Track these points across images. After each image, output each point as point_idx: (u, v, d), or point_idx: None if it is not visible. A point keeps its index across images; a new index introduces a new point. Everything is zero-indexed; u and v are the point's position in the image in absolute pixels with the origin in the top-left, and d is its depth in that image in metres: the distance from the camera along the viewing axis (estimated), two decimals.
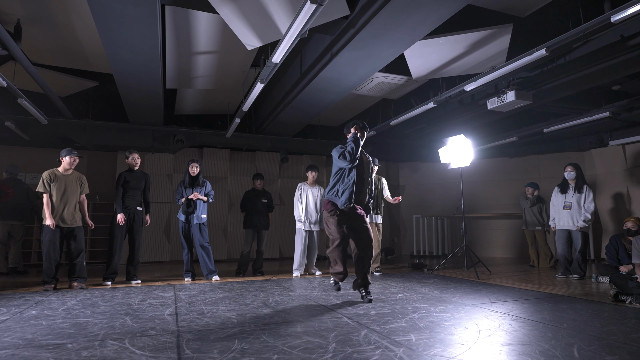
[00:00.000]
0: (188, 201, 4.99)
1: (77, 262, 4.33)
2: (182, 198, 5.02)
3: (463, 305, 3.28)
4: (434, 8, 3.56)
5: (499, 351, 2.09)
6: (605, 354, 2.03)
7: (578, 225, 5.04)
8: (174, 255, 7.61)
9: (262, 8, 3.81)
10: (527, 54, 4.03)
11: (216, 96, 6.87)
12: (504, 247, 8.54)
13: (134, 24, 3.84)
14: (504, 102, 5.10)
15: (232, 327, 2.59)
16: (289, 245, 8.01)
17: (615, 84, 5.58)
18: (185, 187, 5.06)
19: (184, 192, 5.05)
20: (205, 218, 5.09)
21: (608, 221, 7.39)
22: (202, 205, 5.06)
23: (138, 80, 5.18)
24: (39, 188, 4.22)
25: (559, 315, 2.91)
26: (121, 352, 2.09)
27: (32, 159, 7.18)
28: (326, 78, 5.16)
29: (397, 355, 2.01)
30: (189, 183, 5.06)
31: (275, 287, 4.38)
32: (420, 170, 9.74)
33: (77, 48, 5.00)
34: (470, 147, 5.71)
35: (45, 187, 4.21)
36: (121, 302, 3.47)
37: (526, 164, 8.59)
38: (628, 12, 3.16)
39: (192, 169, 5.09)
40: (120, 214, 4.67)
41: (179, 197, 5.05)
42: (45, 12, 4.23)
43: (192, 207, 4.98)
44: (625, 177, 7.27)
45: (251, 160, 8.50)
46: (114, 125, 6.99)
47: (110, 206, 7.38)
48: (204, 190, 5.12)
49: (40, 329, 2.55)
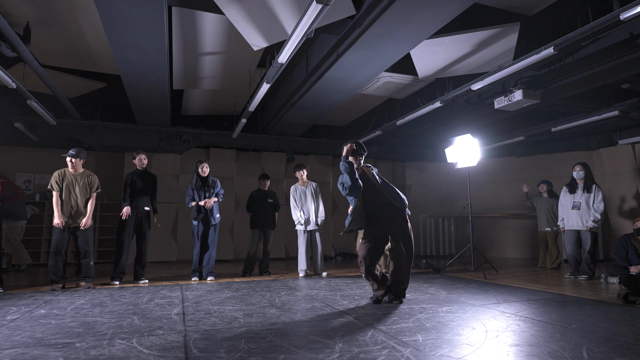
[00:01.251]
0: (199, 207, 4.97)
1: (84, 261, 4.36)
2: (193, 202, 4.98)
3: (470, 306, 3.26)
4: (440, 7, 3.54)
5: (507, 352, 2.07)
6: (615, 355, 2.01)
7: (587, 225, 4.98)
8: (181, 255, 7.65)
9: (268, 8, 3.82)
10: (535, 52, 3.99)
11: (222, 97, 6.90)
12: (512, 247, 8.47)
13: (141, 25, 3.87)
14: (511, 101, 5.06)
15: (238, 327, 2.60)
16: (295, 245, 8.00)
17: (624, 83, 5.51)
18: (196, 189, 5.02)
19: (195, 194, 5.00)
20: (219, 218, 5.11)
21: (617, 221, 7.31)
22: (215, 205, 5.07)
23: (145, 81, 5.22)
24: (49, 186, 4.28)
25: (568, 316, 2.88)
26: (129, 351, 2.11)
27: (41, 160, 7.27)
28: (332, 78, 5.15)
29: (404, 356, 2.00)
30: (198, 185, 5.01)
31: (282, 287, 4.38)
32: (426, 170, 9.70)
33: (85, 50, 5.05)
34: (477, 147, 5.67)
35: (54, 185, 4.26)
36: (129, 302, 3.50)
37: (534, 164, 8.52)
38: (637, 10, 3.12)
39: (202, 169, 5.04)
40: (126, 207, 4.68)
41: (189, 199, 4.99)
42: (53, 14, 4.28)
43: (203, 212, 4.99)
44: (635, 177, 7.18)
45: (257, 160, 8.52)
46: (122, 126, 7.05)
47: (118, 206, 7.43)
48: (214, 190, 5.12)
49: (50, 328, 2.58)
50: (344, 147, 3.43)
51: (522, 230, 8.34)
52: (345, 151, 3.38)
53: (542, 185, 6.59)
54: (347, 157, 3.36)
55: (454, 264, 6.51)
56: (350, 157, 3.40)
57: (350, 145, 3.40)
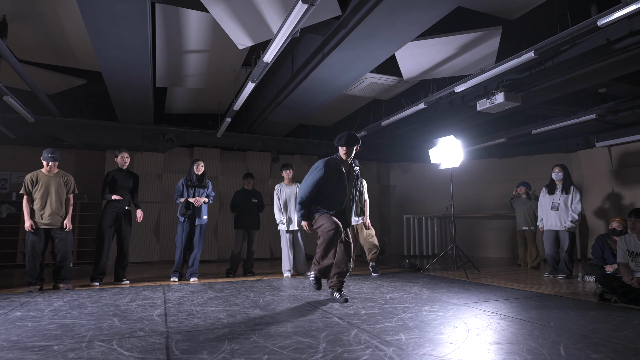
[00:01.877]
0: (188, 203, 4.94)
1: (63, 263, 4.26)
2: (182, 198, 4.96)
3: (452, 305, 3.31)
4: (425, 9, 3.58)
5: (488, 350, 2.11)
6: (590, 352, 2.07)
7: (565, 225, 5.11)
8: (164, 255, 7.54)
9: (253, 7, 3.79)
10: (516, 56, 4.07)
11: (207, 95, 6.83)
12: (494, 247, 8.63)
13: (123, 21, 3.79)
14: (493, 103, 5.16)
15: (222, 328, 2.58)
16: (279, 246, 7.98)
17: (601, 87, 5.67)
18: (189, 187, 4.99)
19: (185, 191, 4.98)
20: (206, 219, 5.07)
21: (594, 221, 7.52)
22: (203, 205, 5.04)
23: (127, 78, 5.12)
24: (21, 190, 4.21)
25: (546, 314, 2.95)
26: (109, 353, 2.07)
27: (18, 158, 7.06)
28: (317, 78, 5.15)
29: (387, 355, 2.02)
30: (193, 182, 4.99)
31: (266, 287, 4.36)
32: (410, 171, 9.80)
33: (64, 45, 4.93)
34: (460, 148, 5.76)
35: (25, 189, 4.18)
36: (109, 303, 3.43)
37: (515, 165, 8.69)
38: (614, 17, 3.22)
39: (197, 167, 5.03)
40: (114, 195, 4.63)
41: (178, 195, 4.98)
42: (32, 8, 4.16)
43: (191, 209, 4.94)
44: (611, 178, 7.41)
45: (242, 160, 8.46)
46: (103, 124, 6.90)
47: (98, 206, 7.28)
48: (206, 192, 5.09)
49: (26, 331, 2.51)
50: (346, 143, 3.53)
51: (503, 231, 8.50)
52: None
53: (521, 187, 6.77)
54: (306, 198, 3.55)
55: (437, 263, 6.59)
56: (343, 147, 3.52)
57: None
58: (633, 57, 4.21)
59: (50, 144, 6.79)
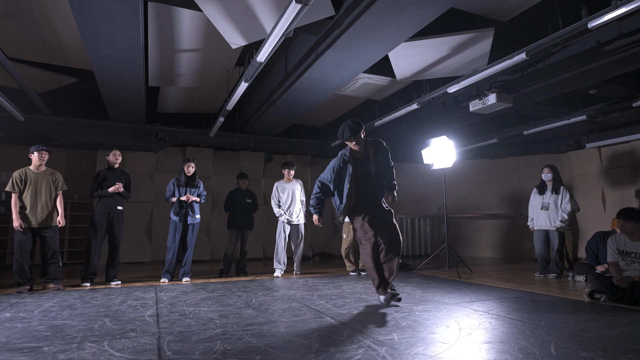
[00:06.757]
0: (180, 202, 4.92)
1: (51, 263, 4.21)
2: (173, 197, 4.94)
3: (445, 304, 3.33)
4: (418, 10, 3.60)
5: (479, 349, 2.13)
6: (580, 350, 2.09)
7: (555, 225, 5.16)
8: (156, 255, 7.48)
9: (246, 7, 3.78)
10: (508, 57, 4.11)
11: (200, 95, 6.79)
12: (486, 246, 8.69)
13: (115, 20, 3.76)
14: (485, 104, 5.20)
15: (214, 328, 2.57)
16: (273, 245, 7.96)
17: (591, 89, 5.74)
18: (180, 186, 4.97)
19: (177, 190, 4.96)
20: (199, 219, 5.06)
21: (584, 221, 7.60)
22: (195, 205, 5.02)
23: (119, 77, 5.08)
24: (8, 187, 4.09)
25: (537, 314, 2.98)
26: (100, 354, 2.05)
27: (7, 157, 6.96)
28: (311, 78, 5.15)
29: (380, 355, 2.02)
30: (184, 182, 4.98)
31: (259, 287, 4.35)
32: (403, 171, 9.82)
33: (55, 43, 4.87)
34: (452, 149, 5.79)
35: (14, 186, 4.09)
36: (100, 304, 3.40)
37: (507, 165, 8.77)
38: (604, 19, 3.26)
39: (188, 168, 5.01)
40: (110, 188, 4.59)
41: (169, 194, 4.95)
42: (22, 5, 4.10)
43: (185, 208, 4.92)
44: (601, 179, 7.50)
45: (235, 159, 8.42)
46: (94, 123, 6.84)
47: (89, 205, 7.21)
48: (197, 192, 5.07)
49: (15, 332, 2.48)
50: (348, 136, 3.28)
51: (496, 230, 8.56)
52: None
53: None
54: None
55: (429, 263, 6.62)
56: (351, 139, 3.30)
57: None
58: (623, 59, 4.27)
59: (41, 142, 6.69)
